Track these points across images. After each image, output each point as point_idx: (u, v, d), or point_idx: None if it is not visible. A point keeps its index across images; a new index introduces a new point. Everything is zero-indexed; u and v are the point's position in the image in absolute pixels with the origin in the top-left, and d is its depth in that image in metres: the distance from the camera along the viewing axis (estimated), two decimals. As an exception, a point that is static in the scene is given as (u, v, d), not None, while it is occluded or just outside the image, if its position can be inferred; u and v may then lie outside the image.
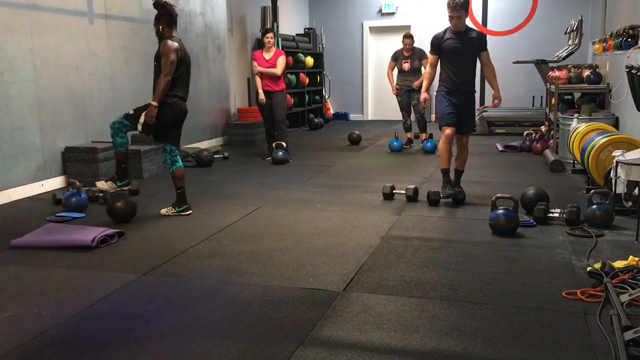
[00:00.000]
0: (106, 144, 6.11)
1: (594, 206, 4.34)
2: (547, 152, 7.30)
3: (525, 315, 2.84)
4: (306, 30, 12.44)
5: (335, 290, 3.17)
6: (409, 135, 8.73)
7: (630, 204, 4.14)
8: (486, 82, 5.96)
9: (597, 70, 7.49)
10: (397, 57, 8.47)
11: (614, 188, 4.19)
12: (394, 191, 5.32)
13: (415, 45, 8.42)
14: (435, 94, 7.30)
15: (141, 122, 4.72)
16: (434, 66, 5.29)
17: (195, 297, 3.11)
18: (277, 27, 10.19)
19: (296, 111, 11.29)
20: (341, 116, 13.18)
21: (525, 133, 8.46)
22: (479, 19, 11.53)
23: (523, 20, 11.40)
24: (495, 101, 5.16)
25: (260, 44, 9.06)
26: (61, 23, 5.96)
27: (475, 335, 2.62)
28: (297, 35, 11.82)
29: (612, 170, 4.18)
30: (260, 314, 2.87)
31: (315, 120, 11.57)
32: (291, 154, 7.71)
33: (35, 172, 5.72)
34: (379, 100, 13.27)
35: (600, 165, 5.06)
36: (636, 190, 4.09)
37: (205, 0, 8.72)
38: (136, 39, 7.09)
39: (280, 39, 10.17)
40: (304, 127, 11.60)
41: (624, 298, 2.85)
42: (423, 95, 5.35)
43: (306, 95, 11.81)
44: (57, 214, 4.77)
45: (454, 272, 3.42)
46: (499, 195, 4.30)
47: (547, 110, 9.01)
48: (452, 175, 5.31)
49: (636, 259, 3.38)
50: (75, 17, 6.16)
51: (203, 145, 8.61)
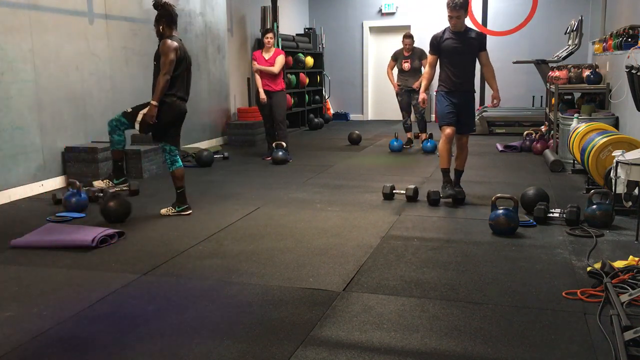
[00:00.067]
0: (106, 144, 6.09)
1: (594, 206, 4.34)
2: (547, 152, 7.30)
3: (525, 315, 2.84)
4: (306, 30, 12.43)
5: (335, 290, 3.17)
6: (409, 135, 8.73)
7: (630, 204, 4.14)
8: (486, 82, 5.96)
9: (597, 70, 7.49)
10: (397, 57, 8.48)
11: (614, 188, 4.19)
12: (394, 191, 5.32)
13: (415, 45, 8.43)
14: (434, 94, 7.30)
15: (138, 121, 4.72)
16: (433, 66, 5.29)
17: (195, 297, 3.11)
18: (277, 27, 10.18)
19: (296, 111, 11.29)
20: (341, 116, 13.18)
21: (525, 133, 8.46)
22: (479, 19, 11.52)
23: (523, 20, 11.39)
24: (495, 101, 5.16)
25: (260, 44, 9.06)
26: (61, 23, 5.96)
27: (475, 335, 2.62)
28: (297, 35, 11.81)
29: (612, 170, 4.18)
30: (260, 314, 2.87)
31: (315, 120, 11.57)
32: (291, 154, 7.71)
33: (35, 172, 5.72)
34: (379, 100, 13.27)
35: (600, 165, 5.06)
36: (636, 190, 4.09)
37: (205, 0, 8.72)
38: (136, 39, 7.09)
39: (280, 39, 10.16)
40: (304, 127, 11.60)
41: (624, 298, 2.85)
42: (421, 96, 5.35)
43: (306, 95, 11.80)
44: (57, 214, 4.77)
45: (454, 272, 3.42)
46: (499, 195, 4.30)
47: (547, 110, 9.00)
48: (452, 175, 5.31)
49: (636, 259, 3.38)
50: (75, 17, 6.16)
51: (203, 145, 8.61)
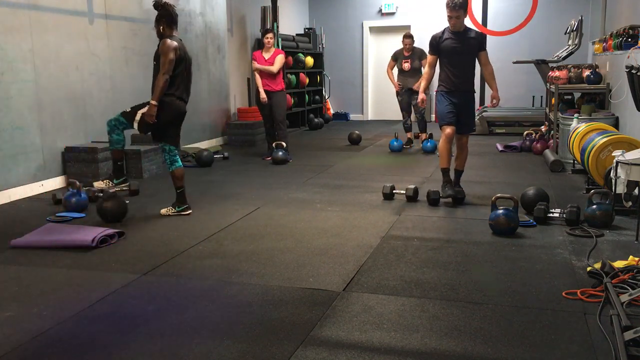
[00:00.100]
0: (106, 144, 6.08)
1: (594, 206, 4.34)
2: (547, 152, 7.30)
3: (525, 315, 2.84)
4: (306, 30, 12.43)
5: (335, 290, 3.17)
6: (409, 135, 8.73)
7: (630, 204, 4.14)
8: (486, 82, 5.96)
9: (597, 70, 7.49)
10: (397, 57, 8.48)
11: (614, 188, 4.19)
12: (394, 191, 5.32)
13: (416, 45, 8.43)
14: (434, 94, 7.31)
15: (137, 120, 4.72)
16: (432, 66, 5.29)
17: (195, 297, 3.11)
18: (277, 27, 10.18)
19: (296, 111, 11.29)
20: (341, 116, 13.18)
21: (525, 133, 8.46)
22: (479, 19, 11.52)
23: (523, 20, 11.39)
24: (494, 101, 5.16)
25: (260, 44, 9.06)
26: (61, 23, 5.96)
27: (475, 335, 2.62)
28: (297, 35, 11.81)
29: (612, 170, 4.18)
30: (260, 314, 2.87)
31: (315, 120, 11.57)
32: (291, 154, 7.71)
33: (35, 172, 5.72)
34: (379, 100, 13.27)
35: (600, 165, 5.06)
36: (636, 190, 4.09)
37: (205, 0, 8.72)
38: (136, 39, 7.09)
39: (280, 39, 10.16)
40: (304, 127, 11.60)
41: (624, 298, 2.85)
42: (421, 96, 5.35)
43: (306, 95, 11.80)
44: (57, 214, 4.77)
45: (454, 272, 3.42)
46: (499, 195, 4.30)
47: (547, 110, 9.00)
48: (452, 175, 5.31)
49: (636, 259, 3.38)
50: (75, 17, 6.16)
51: (203, 145, 8.61)
